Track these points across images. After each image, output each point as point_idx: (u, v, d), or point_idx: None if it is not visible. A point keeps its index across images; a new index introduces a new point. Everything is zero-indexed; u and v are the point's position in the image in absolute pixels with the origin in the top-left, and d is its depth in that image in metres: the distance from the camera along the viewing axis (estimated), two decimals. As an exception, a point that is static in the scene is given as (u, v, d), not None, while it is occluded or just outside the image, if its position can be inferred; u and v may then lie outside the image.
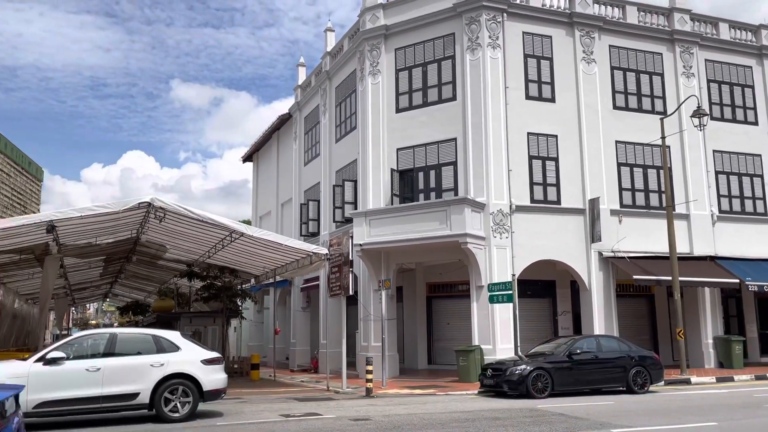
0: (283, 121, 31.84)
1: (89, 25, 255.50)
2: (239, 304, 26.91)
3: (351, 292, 17.14)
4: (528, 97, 21.18)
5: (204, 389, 11.52)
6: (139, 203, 16.10)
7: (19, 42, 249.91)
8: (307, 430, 10.04)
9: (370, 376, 15.87)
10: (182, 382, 11.35)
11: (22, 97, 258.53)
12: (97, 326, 62.23)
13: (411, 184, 21.62)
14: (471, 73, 20.77)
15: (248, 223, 33.60)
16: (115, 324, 59.90)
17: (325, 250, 18.61)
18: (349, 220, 22.20)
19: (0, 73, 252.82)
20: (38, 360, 10.73)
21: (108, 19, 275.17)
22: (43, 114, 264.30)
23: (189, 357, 11.64)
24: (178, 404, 11.28)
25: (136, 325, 36.14)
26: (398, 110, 22.12)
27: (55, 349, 10.98)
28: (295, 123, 30.41)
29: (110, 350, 11.32)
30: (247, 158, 38.03)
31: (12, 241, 17.18)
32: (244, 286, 27.07)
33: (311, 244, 20.56)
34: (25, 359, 11.26)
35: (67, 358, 10.90)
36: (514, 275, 18.68)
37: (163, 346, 11.64)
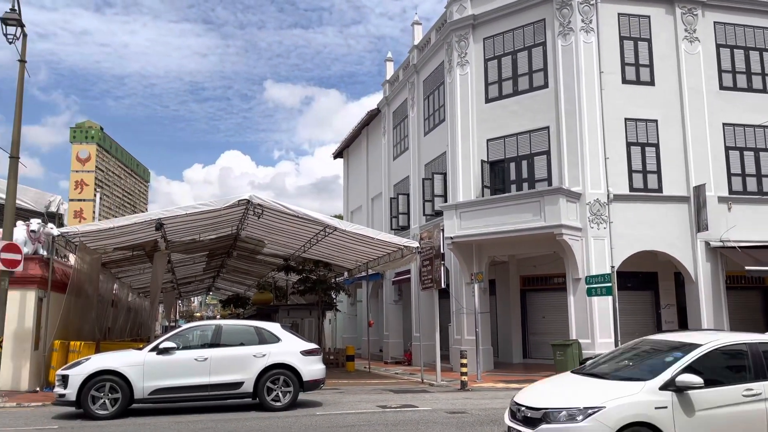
0: (372, 116, 32.18)
1: (188, 33, 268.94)
2: (333, 296, 27.53)
3: (443, 286, 17.12)
4: (625, 81, 20.26)
5: (303, 379, 11.90)
6: (239, 200, 16.83)
7: (125, 52, 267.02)
8: (404, 422, 10.15)
9: (464, 369, 15.80)
10: (283, 372, 11.77)
11: (130, 104, 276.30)
12: (201, 318, 65.61)
13: (502, 175, 21.27)
14: (563, 59, 20.13)
15: (340, 217, 34.27)
16: (218, 316, 62.92)
17: (416, 244, 18.69)
18: (439, 213, 22.16)
19: (109, 82, 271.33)
20: (152, 350, 11.46)
21: (204, 26, 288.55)
22: (149, 119, 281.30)
23: (289, 348, 12.05)
24: (280, 393, 11.71)
25: (237, 317, 37.82)
26: (488, 100, 21.79)
27: (167, 339, 11.68)
28: (384, 118, 30.65)
29: (216, 341, 11.91)
30: (338, 154, 38.76)
31: (126, 239, 18.44)
32: (337, 279, 27.67)
33: (402, 237, 20.70)
34: (140, 349, 12.06)
35: (178, 348, 11.56)
36: (613, 267, 17.96)
37: (264, 338, 12.11)
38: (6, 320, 13.79)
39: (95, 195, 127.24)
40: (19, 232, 15.16)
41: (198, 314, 79.73)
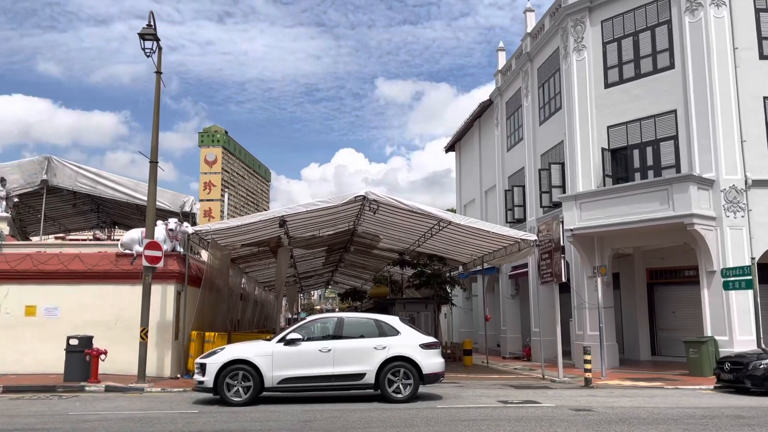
0: (484, 108, 31.74)
1: (302, 37, 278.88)
2: (449, 291, 27.51)
3: (563, 279, 16.58)
4: (762, 56, 18.56)
5: (423, 372, 12.00)
6: (355, 197, 17.26)
7: (245, 59, 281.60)
8: (527, 418, 9.96)
9: (588, 366, 15.23)
10: (403, 365, 11.94)
11: (251, 108, 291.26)
12: (321, 311, 67.96)
13: (624, 163, 20.24)
14: (691, 36, 18.78)
15: (453, 211, 34.15)
16: (336, 309, 64.87)
17: (533, 237, 18.24)
18: (557, 205, 21.48)
19: (232, 88, 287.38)
20: (280, 341, 12.03)
21: (318, 28, 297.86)
22: (268, 121, 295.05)
23: (408, 341, 12.20)
24: (401, 386, 11.89)
25: (355, 310, 38.78)
26: (607, 85, 20.81)
27: (293, 331, 12.22)
28: (496, 109, 30.15)
29: (338, 333, 12.30)
30: (450, 148, 38.62)
31: (252, 235, 19.49)
32: (452, 273, 27.61)
33: (518, 230, 20.27)
34: (268, 340, 12.71)
35: (303, 340, 12.06)
36: (753, 259, 16.56)
37: (384, 330, 12.34)
38: (150, 312, 15.03)
39: (222, 195, 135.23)
40: (159, 230, 16.44)
41: (318, 307, 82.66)
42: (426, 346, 12.27)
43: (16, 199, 22.61)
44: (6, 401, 12.28)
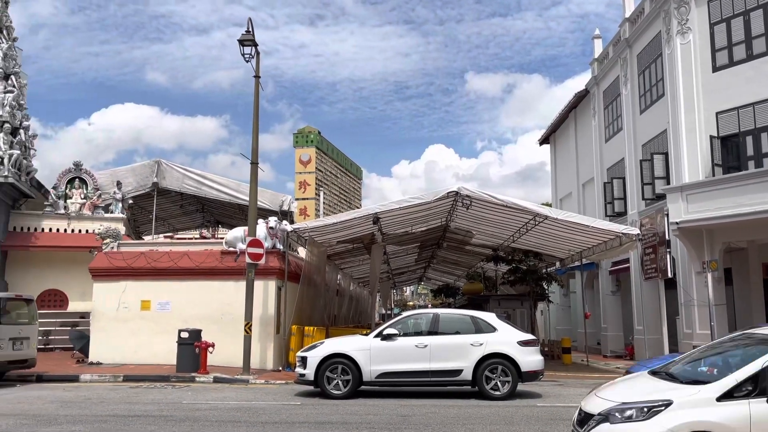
0: (580, 98, 30.66)
1: (391, 35, 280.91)
2: (545, 287, 26.84)
3: (669, 275, 15.76)
4: None
5: (522, 370, 11.80)
6: (448, 192, 17.20)
7: (336, 60, 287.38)
8: (632, 419, 9.56)
9: (698, 367, 14.38)
10: (501, 362, 11.79)
11: (342, 108, 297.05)
12: (413, 307, 68.31)
13: (736, 152, 18.92)
14: (812, 11, 17.26)
15: (548, 205, 33.26)
16: (429, 305, 64.96)
17: (636, 230, 17.47)
18: (661, 197, 20.42)
19: (324, 89, 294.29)
20: (377, 336, 12.21)
21: (406, 26, 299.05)
22: (359, 120, 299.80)
23: (506, 338, 12.04)
24: (499, 383, 11.75)
25: (448, 306, 38.64)
26: (715, 69, 19.52)
27: (390, 326, 12.36)
28: (593, 99, 29.04)
29: (434, 329, 12.32)
30: (544, 140, 37.62)
31: (346, 233, 19.89)
32: (549, 269, 26.92)
33: (619, 224, 19.46)
34: (365, 335, 12.93)
35: (399, 335, 12.18)
36: None
37: (480, 327, 12.24)
38: (253, 307, 15.69)
39: (317, 194, 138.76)
40: (260, 229, 17.11)
41: (410, 303, 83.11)
42: (524, 343, 12.06)
43: (130, 201, 24.26)
44: (126, 389, 13.23)
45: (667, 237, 15.73)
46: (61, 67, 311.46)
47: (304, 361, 12.12)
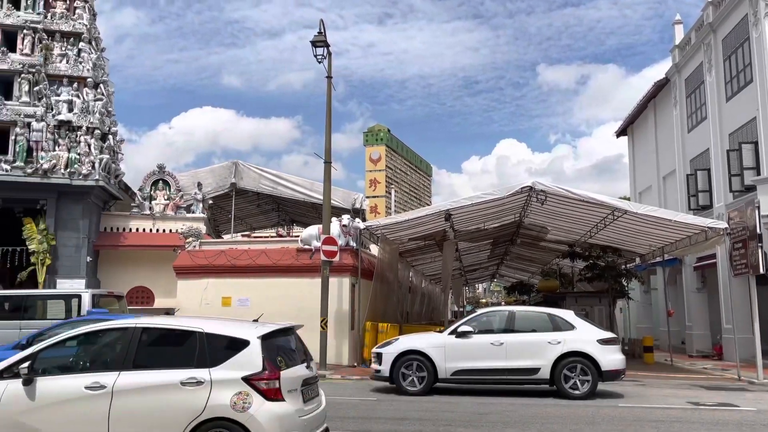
0: (660, 87, 29.38)
1: (460, 30, 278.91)
2: (624, 284, 25.96)
3: (761, 271, 14.89)
4: None
5: (602, 369, 11.47)
6: (521, 188, 16.92)
7: (405, 57, 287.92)
8: (723, 422, 9.12)
9: (795, 368, 13.55)
10: (580, 361, 11.50)
11: (411, 105, 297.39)
12: (486, 305, 67.62)
13: (835, 138, 17.64)
14: None
15: (627, 199, 32.10)
16: (502, 303, 64.15)
17: (723, 224, 16.60)
18: (750, 188, 19.31)
19: (393, 87, 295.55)
20: (451, 333, 12.17)
21: (475, 20, 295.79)
22: (428, 117, 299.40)
23: (585, 336, 11.73)
24: (578, 382, 11.47)
25: (523, 304, 37.98)
26: (810, 51, 18.27)
27: (464, 323, 12.30)
28: (674, 87, 27.77)
29: (510, 327, 12.15)
30: (621, 132, 36.30)
31: (418, 230, 19.91)
32: (628, 265, 26.01)
33: (704, 218, 18.54)
34: (439, 332, 12.91)
35: (474, 332, 12.09)
36: None
37: (558, 325, 11.98)
38: (328, 304, 15.97)
39: (387, 191, 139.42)
40: (334, 227, 17.40)
41: (483, 300, 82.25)
42: (604, 341, 11.72)
43: (210, 201, 25.20)
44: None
45: (758, 231, 14.85)
46: (143, 74, 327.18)
47: (379, 357, 12.24)
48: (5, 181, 20.87)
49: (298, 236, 20.05)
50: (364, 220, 23.28)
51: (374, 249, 20.67)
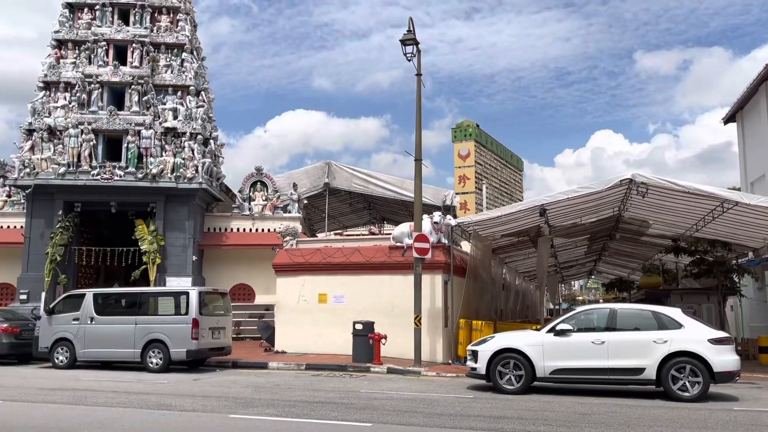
0: (772, 68, 27.26)
1: (550, 21, 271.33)
2: (736, 280, 24.33)
3: None
4: None
5: (714, 370, 10.81)
6: (621, 180, 16.23)
7: (493, 51, 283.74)
8: None
9: None
10: (689, 361, 10.89)
11: (501, 99, 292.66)
12: (583, 302, 65.46)
13: None
14: None
15: (736, 190, 30.05)
16: (600, 300, 61.91)
17: None
18: None
19: (481, 82, 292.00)
20: (549, 331, 11.88)
21: (565, 9, 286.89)
22: (518, 110, 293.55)
23: (694, 335, 11.11)
24: (687, 383, 10.87)
25: (623, 301, 36.47)
26: None
27: (563, 321, 11.96)
28: (789, 67, 25.67)
29: (611, 325, 11.69)
30: (729, 119, 33.99)
31: (511, 226, 19.56)
32: (740, 260, 24.36)
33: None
34: (536, 330, 12.63)
35: (573, 331, 11.74)
36: None
37: (663, 323, 11.41)
38: (421, 301, 16.02)
39: (477, 187, 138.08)
40: (425, 224, 17.42)
41: (580, 298, 79.68)
42: (716, 341, 11.03)
43: (305, 201, 25.95)
44: (309, 377, 14.19)
45: None
46: (239, 80, 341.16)
47: (474, 355, 12.14)
48: (120, 186, 22.45)
49: (389, 234, 20.25)
50: (455, 216, 23.17)
51: (465, 246, 20.52)
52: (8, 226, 24.14)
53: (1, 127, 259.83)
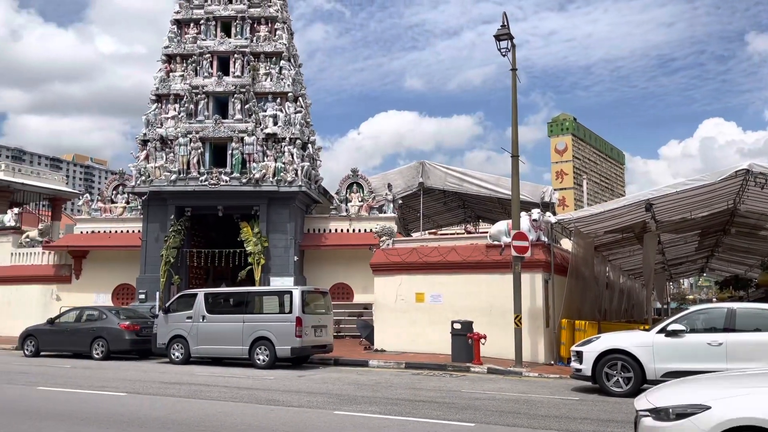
0: None
1: (650, 6, 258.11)
2: None
3: None
4: None
5: None
6: (736, 171, 15.20)
7: (589, 42, 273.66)
8: None
9: None
10: (822, 365, 10.03)
11: (598, 91, 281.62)
12: (694, 302, 61.77)
13: None
14: None
15: None
16: (714, 299, 58.21)
17: None
18: None
19: (577, 74, 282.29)
20: (660, 331, 11.31)
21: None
22: (617, 101, 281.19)
23: (826, 337, 10.22)
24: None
25: (740, 300, 34.09)
26: None
27: (675, 321, 11.35)
28: None
29: (729, 325, 10.98)
30: None
31: (613, 222, 18.75)
32: None
33: None
34: (645, 330, 12.07)
35: (686, 331, 11.11)
36: None
37: (789, 324, 10.57)
38: (521, 300, 15.72)
39: (576, 183, 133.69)
40: (524, 221, 17.08)
41: (690, 297, 75.21)
42: None
43: (400, 201, 26.18)
44: (409, 376, 14.30)
45: None
46: (333, 85, 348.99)
47: (579, 356, 11.78)
48: (225, 190, 23.59)
49: (485, 233, 20.02)
50: (554, 213, 22.55)
51: (565, 243, 19.93)
52: (127, 231, 25.98)
53: (118, 138, 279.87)
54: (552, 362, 16.59)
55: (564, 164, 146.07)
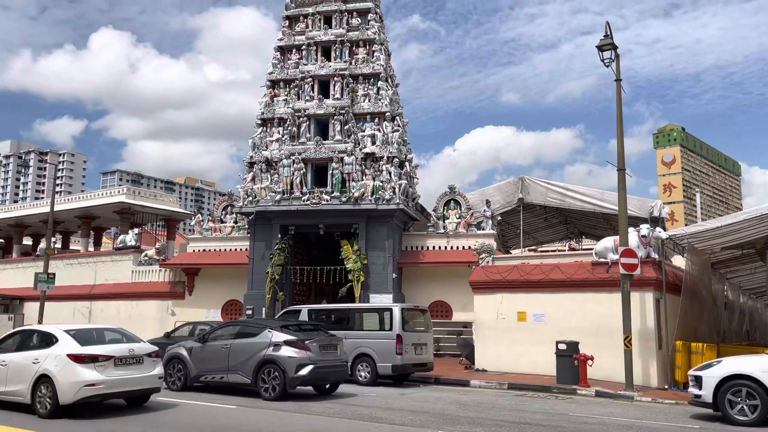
0: None
1: (765, 8, 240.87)
2: None
3: None
4: None
5: None
6: None
7: (698, 48, 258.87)
8: None
9: None
10: None
11: (709, 99, 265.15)
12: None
13: None
14: None
15: None
16: None
17: None
18: None
19: (685, 82, 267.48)
20: (787, 356, 10.40)
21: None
22: (731, 109, 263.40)
23: None
24: None
25: None
26: None
27: (807, 346, 10.41)
28: None
29: None
30: None
31: (732, 237, 17.46)
32: None
33: None
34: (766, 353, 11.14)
35: (822, 357, 10.15)
36: None
37: None
38: (631, 320, 14.97)
39: (686, 196, 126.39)
40: (632, 237, 16.32)
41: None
42: None
43: (498, 218, 25.78)
44: (512, 397, 13.95)
45: None
46: (429, 103, 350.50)
47: (698, 380, 11.03)
48: (327, 209, 24.22)
49: (590, 249, 19.27)
50: (664, 229, 21.40)
51: (677, 261, 18.82)
52: (236, 249, 27.23)
53: (225, 161, 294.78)
54: (666, 387, 15.63)
55: (672, 177, 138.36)
